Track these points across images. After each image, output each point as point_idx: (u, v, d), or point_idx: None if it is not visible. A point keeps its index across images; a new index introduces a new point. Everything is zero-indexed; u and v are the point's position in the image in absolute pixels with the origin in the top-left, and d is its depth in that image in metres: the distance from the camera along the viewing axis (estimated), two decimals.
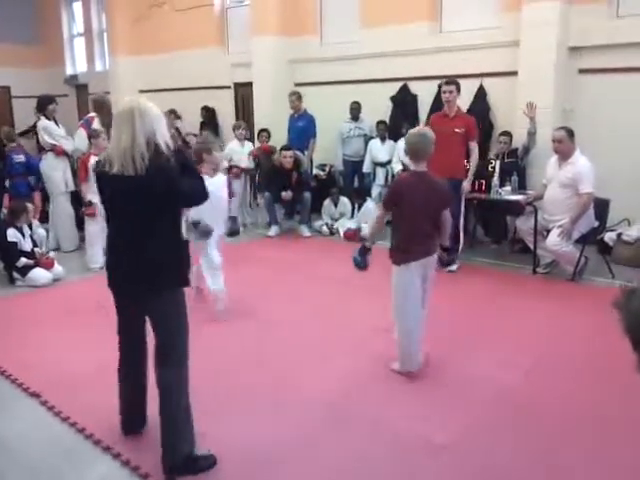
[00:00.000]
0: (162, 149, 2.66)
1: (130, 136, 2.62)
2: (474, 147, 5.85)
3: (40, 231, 6.28)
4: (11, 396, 3.54)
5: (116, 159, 2.62)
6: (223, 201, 4.93)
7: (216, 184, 4.93)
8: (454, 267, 5.92)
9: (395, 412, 3.31)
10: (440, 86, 7.68)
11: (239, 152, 7.99)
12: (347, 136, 8.33)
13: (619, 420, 3.19)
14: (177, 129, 8.88)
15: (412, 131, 3.71)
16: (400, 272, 3.55)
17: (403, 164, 7.28)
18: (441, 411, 3.31)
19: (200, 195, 2.84)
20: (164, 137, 2.69)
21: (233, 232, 5.26)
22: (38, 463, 2.91)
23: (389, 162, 7.81)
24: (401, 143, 7.39)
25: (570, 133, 5.51)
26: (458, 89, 5.86)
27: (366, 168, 8.10)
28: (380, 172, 7.96)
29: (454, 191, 5.37)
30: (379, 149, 7.97)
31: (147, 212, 2.66)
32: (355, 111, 8.28)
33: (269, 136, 8.44)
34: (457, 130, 5.67)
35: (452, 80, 5.88)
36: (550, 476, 2.76)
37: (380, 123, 8.05)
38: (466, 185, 5.83)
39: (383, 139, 7.99)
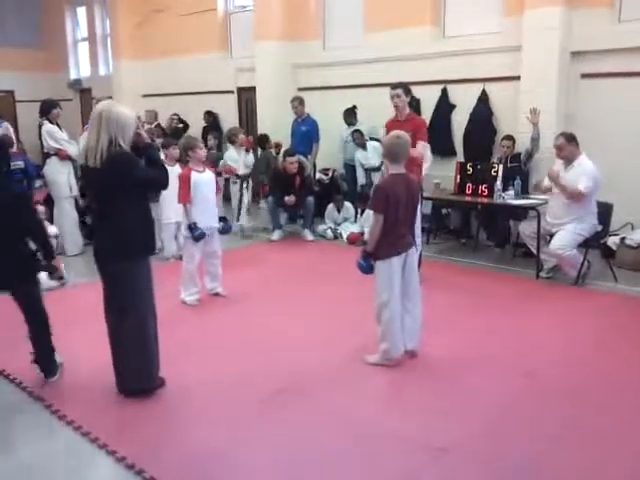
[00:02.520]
0: (123, 147, 3.22)
1: (96, 136, 3.20)
2: (422, 146, 5.49)
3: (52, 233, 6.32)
4: (15, 400, 3.56)
5: (87, 154, 3.23)
6: (212, 195, 5.20)
7: (205, 180, 5.12)
8: None
9: (394, 414, 3.32)
10: (444, 90, 7.81)
11: (235, 159, 7.91)
12: (346, 141, 8.36)
13: (621, 422, 3.19)
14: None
15: (388, 135, 3.94)
16: (384, 266, 3.78)
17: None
18: (441, 413, 3.31)
19: (158, 182, 3.46)
20: (127, 137, 3.25)
21: (225, 230, 5.43)
22: (42, 467, 2.92)
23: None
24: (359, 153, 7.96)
25: (569, 138, 5.52)
26: (406, 92, 5.58)
27: (361, 179, 8.08)
28: (376, 177, 7.89)
29: None
30: (365, 156, 7.97)
31: (104, 196, 3.29)
32: (349, 117, 8.27)
33: (267, 140, 8.44)
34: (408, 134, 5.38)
35: (398, 84, 5.62)
36: (553, 477, 2.76)
37: (355, 132, 8.03)
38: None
39: (362, 146, 7.99)
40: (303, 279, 6.00)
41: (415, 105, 8.10)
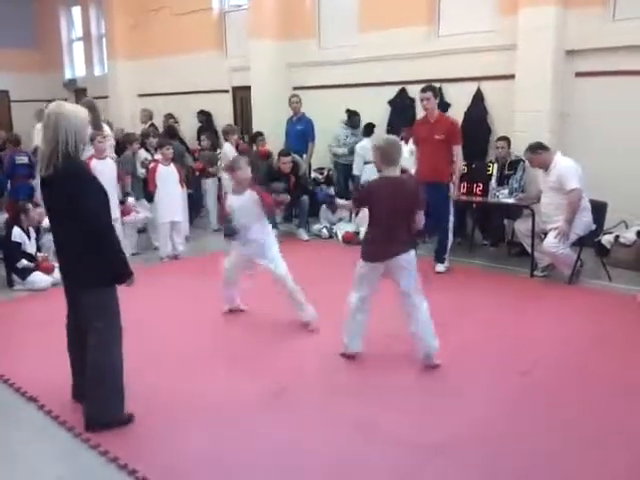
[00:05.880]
0: (78, 153, 2.94)
1: (50, 142, 2.88)
2: (457, 151, 5.70)
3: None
4: (8, 400, 3.55)
5: (41, 162, 2.95)
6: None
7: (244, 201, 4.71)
8: (442, 268, 5.95)
9: (391, 414, 3.32)
10: (439, 89, 7.80)
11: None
12: (344, 143, 8.34)
13: (619, 420, 3.20)
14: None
15: (381, 137, 3.99)
16: (360, 266, 3.86)
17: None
18: (438, 413, 3.31)
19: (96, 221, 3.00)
20: (83, 139, 2.98)
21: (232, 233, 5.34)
22: (40, 467, 2.92)
23: None
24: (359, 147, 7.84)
25: (533, 149, 5.62)
26: (435, 94, 5.81)
27: (357, 170, 8.02)
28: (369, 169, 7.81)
29: (439, 193, 5.55)
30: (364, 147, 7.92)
31: (61, 211, 2.97)
32: (355, 120, 8.28)
33: (263, 139, 8.43)
34: (437, 137, 5.57)
35: (428, 86, 5.81)
36: (551, 477, 2.76)
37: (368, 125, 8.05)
38: (453, 190, 5.81)
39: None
40: (298, 279, 5.93)
41: (410, 104, 8.13)
